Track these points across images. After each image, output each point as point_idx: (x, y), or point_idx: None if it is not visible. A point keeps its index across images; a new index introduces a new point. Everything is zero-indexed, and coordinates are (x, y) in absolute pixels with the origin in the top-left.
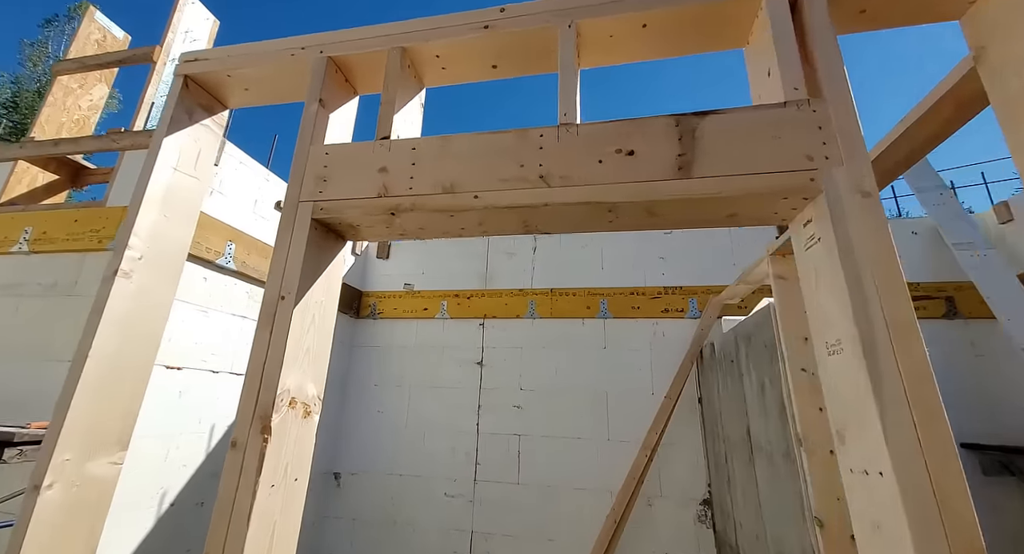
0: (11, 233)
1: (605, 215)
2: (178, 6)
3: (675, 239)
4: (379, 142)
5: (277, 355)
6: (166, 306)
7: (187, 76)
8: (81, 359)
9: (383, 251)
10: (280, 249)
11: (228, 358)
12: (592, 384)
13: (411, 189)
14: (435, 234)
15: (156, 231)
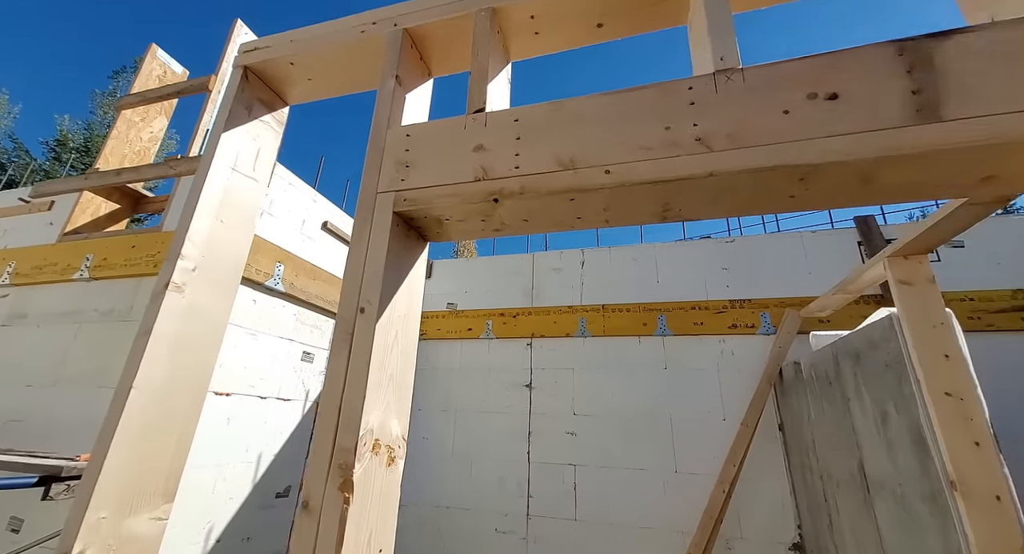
0: (74, 261)
1: (793, 186)
2: (232, 37)
3: (738, 248)
4: (472, 116)
5: (358, 384)
6: (221, 325)
7: (247, 67)
8: (124, 391)
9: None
10: (356, 250)
11: (275, 383)
12: (654, 409)
13: (517, 169)
14: (543, 226)
15: (212, 238)
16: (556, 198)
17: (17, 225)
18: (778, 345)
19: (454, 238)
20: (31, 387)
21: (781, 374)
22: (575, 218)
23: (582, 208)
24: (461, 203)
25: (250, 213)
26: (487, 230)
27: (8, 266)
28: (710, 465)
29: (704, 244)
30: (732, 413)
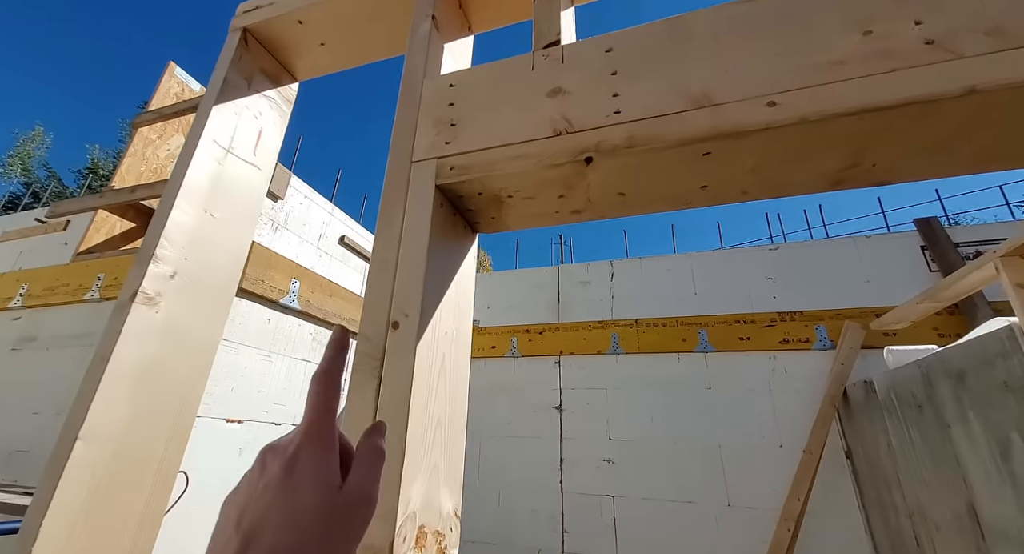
0: (86, 281)
1: None
2: None
3: (784, 255)
4: (542, 53)
5: (392, 440)
6: (210, 349)
7: (245, 29)
8: (66, 444)
9: None
10: (385, 242)
11: (291, 408)
12: (699, 434)
13: (618, 113)
14: (645, 202)
15: (199, 236)
16: (681, 153)
17: (33, 246)
18: (840, 362)
19: (515, 226)
20: (38, 414)
21: (846, 396)
22: (698, 187)
23: (718, 167)
24: (535, 168)
25: (250, 207)
26: (563, 213)
27: (21, 288)
28: (767, 498)
29: (745, 252)
30: (790, 439)
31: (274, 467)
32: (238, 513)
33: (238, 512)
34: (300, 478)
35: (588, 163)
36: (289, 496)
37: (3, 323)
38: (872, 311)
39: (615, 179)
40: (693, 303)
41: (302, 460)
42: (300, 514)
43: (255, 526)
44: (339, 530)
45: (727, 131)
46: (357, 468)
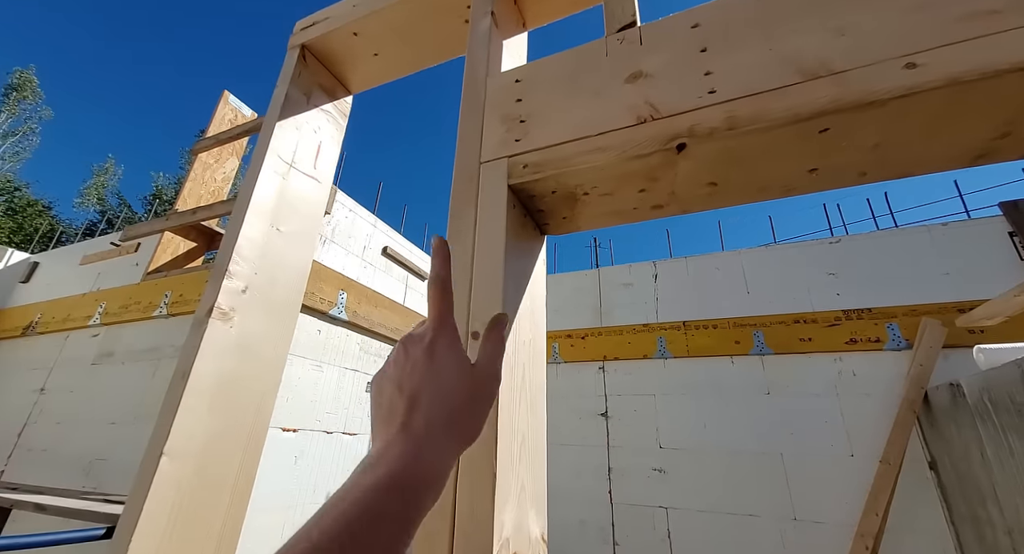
0: (155, 299)
1: None
2: None
3: (846, 249)
4: (616, 37)
5: (482, 464)
6: (280, 363)
7: (304, 46)
8: (152, 459)
9: None
10: (458, 247)
11: (341, 417)
12: (759, 442)
13: (713, 93)
14: (736, 192)
15: (267, 250)
16: (793, 131)
17: (109, 268)
18: (918, 362)
19: (587, 225)
20: (115, 424)
21: (927, 399)
22: (806, 171)
23: (835, 146)
24: (616, 161)
25: (313, 220)
26: (642, 209)
27: (99, 306)
28: (839, 512)
29: (802, 247)
30: (862, 447)
31: (417, 352)
32: (397, 384)
33: (396, 383)
34: (440, 361)
35: (680, 151)
36: (435, 375)
37: (84, 340)
38: (953, 306)
39: (708, 168)
40: (746, 303)
41: (439, 347)
42: (446, 389)
43: (414, 394)
44: (476, 401)
45: (854, 102)
46: (483, 351)
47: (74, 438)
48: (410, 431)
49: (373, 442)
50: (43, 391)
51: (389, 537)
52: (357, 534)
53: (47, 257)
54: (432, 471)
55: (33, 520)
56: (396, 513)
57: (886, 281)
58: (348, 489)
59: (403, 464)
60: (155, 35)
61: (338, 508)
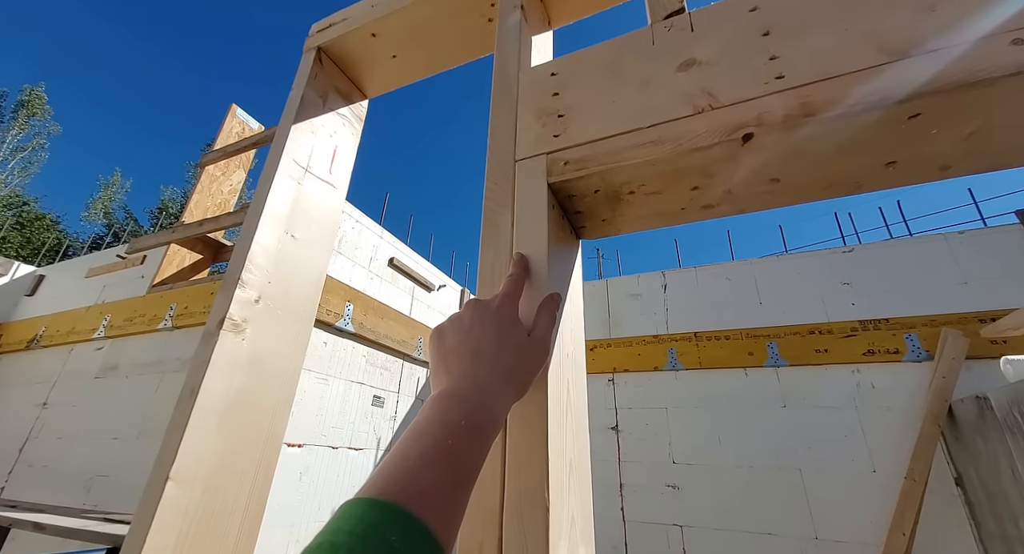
0: (159, 311)
1: None
2: None
3: (860, 258)
4: (663, 24)
5: (531, 494)
6: (293, 377)
7: (320, 48)
8: (157, 485)
9: None
10: (493, 252)
11: (347, 431)
12: (776, 457)
13: (782, 79)
14: (801, 191)
15: (281, 258)
16: (878, 117)
17: (115, 281)
18: (940, 375)
19: (628, 228)
20: (117, 440)
21: (951, 412)
22: (883, 164)
23: (923, 135)
24: (671, 154)
25: (328, 228)
26: (691, 209)
27: (104, 319)
28: (862, 531)
29: (815, 256)
30: (884, 463)
31: (485, 314)
32: (464, 333)
33: (463, 332)
34: (504, 325)
35: (745, 141)
36: (498, 335)
37: (88, 353)
38: (974, 316)
39: (772, 162)
40: (758, 314)
41: (505, 312)
42: (507, 348)
43: (479, 348)
44: (528, 365)
45: (957, 81)
46: (537, 325)
47: (76, 454)
48: (479, 381)
49: (436, 381)
50: (45, 405)
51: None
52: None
53: (53, 270)
54: (496, 417)
55: (32, 539)
56: (473, 448)
57: (903, 290)
58: (432, 421)
59: (476, 410)
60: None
61: (432, 435)
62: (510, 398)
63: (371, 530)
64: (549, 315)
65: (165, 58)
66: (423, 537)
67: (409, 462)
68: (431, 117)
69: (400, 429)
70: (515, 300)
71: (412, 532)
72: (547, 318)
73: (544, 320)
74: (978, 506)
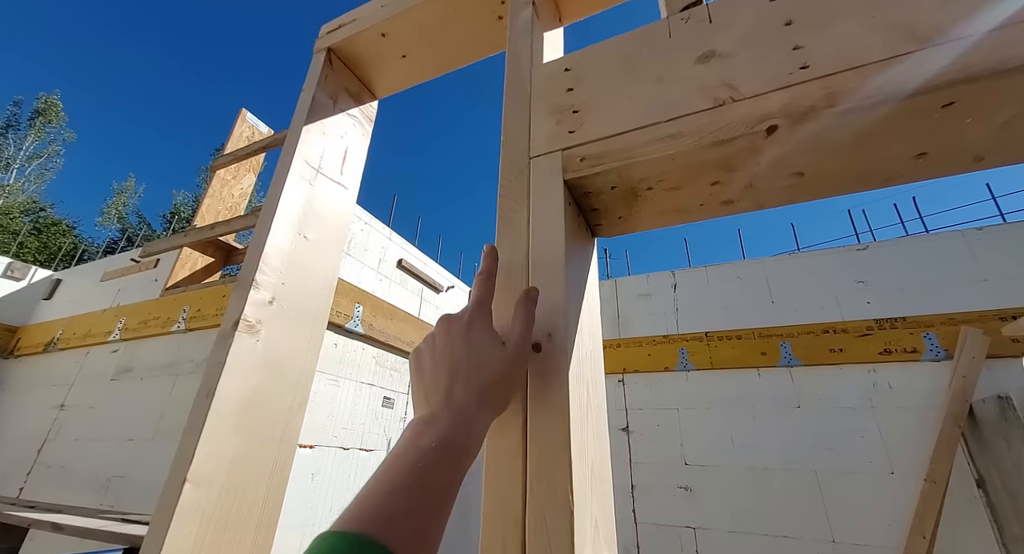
0: (173, 314)
1: None
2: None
3: (875, 256)
4: (679, 16)
5: (556, 500)
6: (307, 378)
7: (330, 49)
8: (175, 487)
9: None
10: (509, 251)
11: (358, 432)
12: (791, 459)
13: (807, 68)
14: (825, 185)
15: (294, 260)
16: (910, 106)
17: (129, 284)
18: (960, 374)
19: (644, 226)
20: (133, 441)
21: (972, 412)
22: (913, 156)
23: (956, 124)
24: (692, 148)
25: (340, 229)
26: (710, 205)
27: (119, 322)
28: (881, 534)
29: (828, 254)
30: (903, 465)
31: (456, 331)
32: (437, 358)
33: (437, 357)
34: (476, 340)
35: (769, 134)
36: (472, 352)
37: (104, 356)
38: (994, 314)
39: (796, 155)
40: (771, 313)
41: (475, 328)
42: (482, 365)
43: (453, 369)
44: (507, 377)
45: (992, 68)
46: (513, 328)
47: (92, 455)
48: (452, 403)
49: (416, 406)
50: (63, 407)
51: (443, 484)
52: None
53: (69, 274)
54: (471, 437)
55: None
56: (445, 470)
57: (920, 289)
58: (406, 449)
59: (449, 433)
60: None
61: (402, 462)
62: (487, 416)
63: None
64: (524, 318)
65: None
66: None
67: (380, 488)
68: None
69: None
70: (486, 307)
71: None
72: (522, 323)
73: (519, 326)
74: (1000, 508)
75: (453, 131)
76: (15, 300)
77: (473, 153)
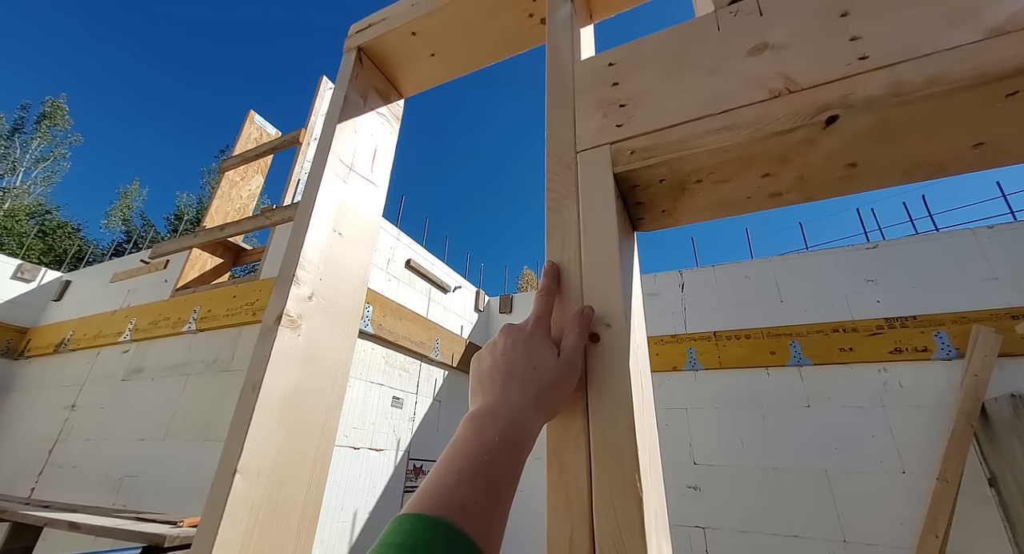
0: (183, 314)
1: None
2: (319, 92)
3: (884, 254)
4: (728, 10)
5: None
6: (344, 373)
7: (360, 48)
8: (226, 478)
9: (505, 305)
10: (560, 243)
11: (368, 432)
12: (801, 458)
13: (866, 59)
14: (879, 175)
15: (330, 256)
16: (972, 96)
17: (139, 285)
18: (972, 373)
19: (687, 219)
20: (144, 441)
21: (984, 411)
22: (970, 146)
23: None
24: (748, 140)
25: (372, 225)
26: (757, 197)
27: (129, 323)
28: (893, 533)
29: (837, 253)
30: (914, 463)
31: (518, 337)
32: (498, 356)
33: (497, 356)
34: (535, 347)
35: (829, 124)
36: (529, 357)
37: (114, 356)
38: (1006, 313)
39: (853, 146)
40: (779, 312)
41: (535, 337)
42: (537, 369)
43: (511, 369)
44: (558, 385)
45: None
46: (566, 344)
47: (104, 455)
48: (511, 401)
49: (472, 400)
50: (74, 407)
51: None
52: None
53: (79, 276)
54: (528, 434)
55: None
56: (507, 463)
57: (930, 287)
58: (467, 441)
59: (509, 429)
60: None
61: (467, 453)
62: (541, 418)
63: (419, 543)
64: (578, 333)
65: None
66: (467, 547)
67: (449, 479)
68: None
69: (419, 430)
70: (546, 321)
71: (457, 543)
72: (575, 337)
73: (572, 339)
74: (1013, 507)
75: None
76: (25, 301)
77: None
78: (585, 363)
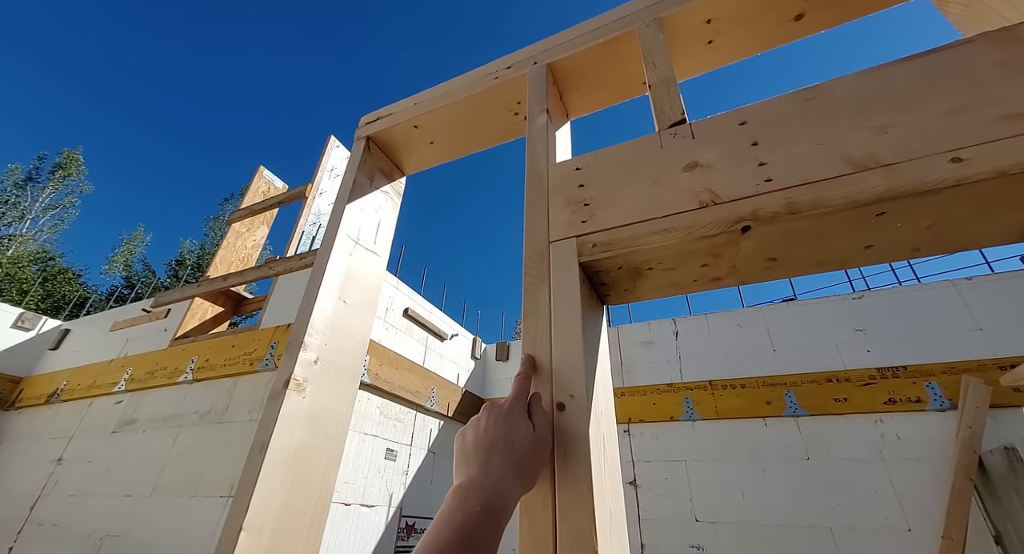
0: (181, 364)
1: None
2: (326, 150)
3: (871, 304)
4: (668, 131)
5: (582, 540)
6: (343, 432)
7: (369, 138)
8: (231, 536)
9: (502, 353)
10: (534, 320)
11: (360, 486)
12: (804, 514)
13: (770, 181)
14: (795, 265)
15: (335, 322)
16: (850, 215)
17: (138, 334)
18: (966, 425)
19: (647, 296)
20: (130, 497)
21: (983, 465)
22: (862, 248)
23: (890, 227)
24: (682, 240)
25: (373, 293)
26: (702, 281)
27: (125, 372)
28: None
29: (824, 303)
30: (919, 520)
31: (498, 415)
32: (481, 432)
33: (480, 432)
34: (513, 424)
35: (744, 232)
36: (508, 433)
37: (107, 407)
38: (993, 363)
39: (768, 246)
40: (773, 361)
41: (514, 414)
42: (516, 444)
43: (493, 444)
44: (534, 457)
45: (908, 190)
46: (536, 420)
47: (87, 512)
48: (492, 473)
49: (457, 473)
50: (60, 461)
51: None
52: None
53: (78, 324)
54: (507, 501)
55: None
56: (488, 531)
57: (917, 337)
58: (453, 511)
59: (491, 498)
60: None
61: (452, 524)
62: (521, 488)
63: None
64: (542, 410)
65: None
66: None
67: (436, 547)
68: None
69: (412, 484)
70: (523, 400)
71: None
72: (541, 414)
73: (540, 417)
74: None
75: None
76: (21, 350)
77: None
78: (553, 430)
